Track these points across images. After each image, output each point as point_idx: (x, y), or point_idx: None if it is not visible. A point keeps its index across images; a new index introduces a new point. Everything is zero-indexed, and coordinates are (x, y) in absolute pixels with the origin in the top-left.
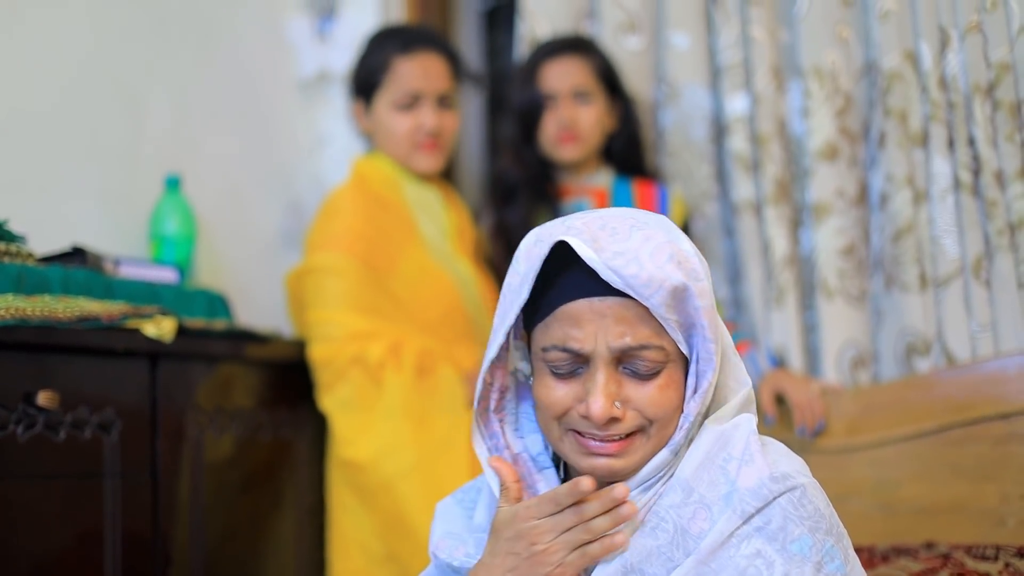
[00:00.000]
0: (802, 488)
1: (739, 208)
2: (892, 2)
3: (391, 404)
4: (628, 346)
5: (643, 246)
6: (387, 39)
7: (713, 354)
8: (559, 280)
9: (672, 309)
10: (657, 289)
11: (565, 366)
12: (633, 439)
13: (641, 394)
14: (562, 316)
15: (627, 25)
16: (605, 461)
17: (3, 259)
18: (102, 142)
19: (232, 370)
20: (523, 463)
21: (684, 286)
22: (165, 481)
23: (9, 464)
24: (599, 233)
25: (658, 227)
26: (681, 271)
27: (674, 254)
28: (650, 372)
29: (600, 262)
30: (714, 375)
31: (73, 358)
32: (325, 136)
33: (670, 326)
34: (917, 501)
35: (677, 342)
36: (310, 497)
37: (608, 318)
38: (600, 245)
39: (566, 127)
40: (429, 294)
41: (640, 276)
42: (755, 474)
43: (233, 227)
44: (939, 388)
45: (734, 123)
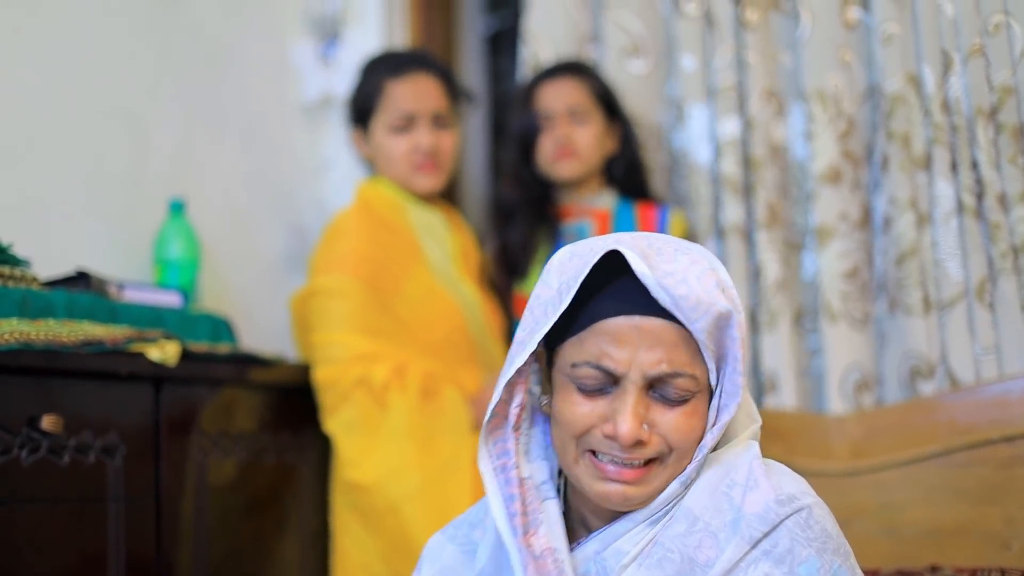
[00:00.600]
0: (808, 509)
1: (727, 231)
2: (895, 25)
3: (396, 426)
4: (663, 372)
5: (691, 269)
6: (379, 64)
7: (739, 388)
8: (601, 294)
9: (712, 336)
10: (704, 313)
11: (594, 384)
12: (651, 467)
13: (668, 420)
14: (600, 331)
15: (631, 48)
16: (620, 488)
17: (7, 283)
18: (106, 166)
19: (236, 394)
20: (529, 489)
21: (729, 313)
22: (168, 505)
23: (13, 488)
24: (647, 250)
25: (701, 254)
26: (726, 298)
27: (719, 281)
28: (679, 399)
29: (653, 278)
30: (736, 409)
31: (77, 382)
32: (329, 160)
33: (707, 353)
34: (921, 524)
35: (709, 371)
36: (314, 521)
37: (647, 340)
38: (651, 262)
39: (562, 144)
40: (433, 316)
41: (689, 298)
42: (761, 498)
43: (237, 251)
44: (943, 411)
45: (724, 146)
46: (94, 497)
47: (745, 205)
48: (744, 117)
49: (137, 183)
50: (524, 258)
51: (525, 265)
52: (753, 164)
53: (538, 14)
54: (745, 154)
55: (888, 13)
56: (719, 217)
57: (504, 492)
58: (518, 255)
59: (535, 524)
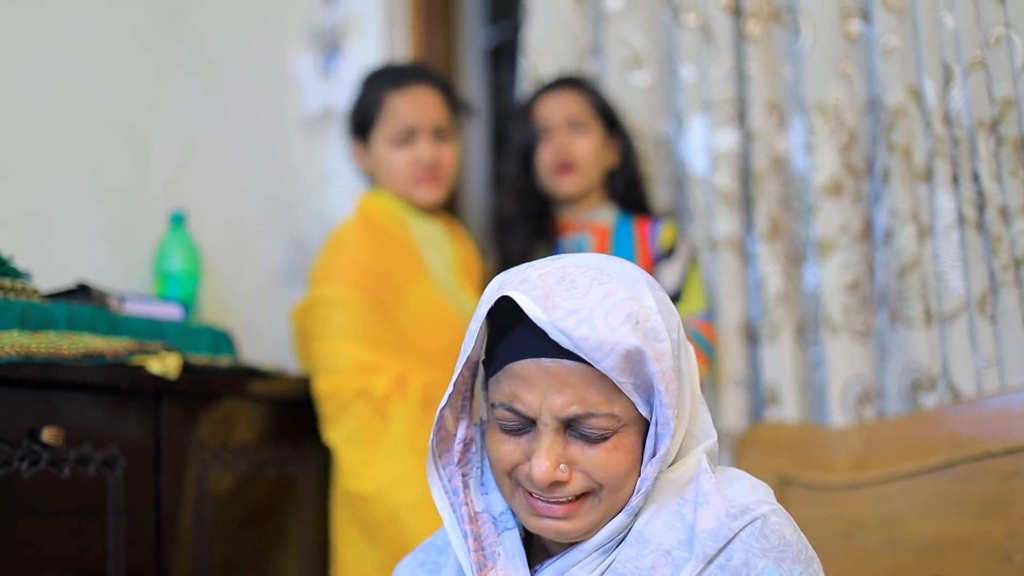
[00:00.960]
0: (762, 518)
1: (719, 244)
2: (895, 38)
3: (397, 436)
4: (575, 414)
5: (600, 304)
6: (379, 78)
7: (671, 419)
8: (510, 335)
9: (627, 372)
10: (608, 353)
11: (513, 424)
12: (582, 502)
13: (588, 457)
14: (512, 374)
15: (632, 61)
16: (552, 523)
17: (8, 296)
18: (107, 179)
19: (236, 406)
20: (484, 523)
21: (638, 350)
22: (169, 517)
23: (14, 501)
24: (555, 288)
25: (622, 281)
26: (637, 333)
27: (632, 313)
28: (599, 437)
29: (549, 323)
30: (672, 441)
31: (78, 395)
32: (329, 172)
33: (627, 389)
34: (923, 537)
35: (636, 404)
36: (314, 532)
37: (555, 382)
38: (552, 302)
39: (561, 155)
40: (434, 327)
41: (591, 339)
42: (712, 514)
43: (238, 263)
44: (944, 424)
45: (720, 158)
46: (94, 509)
47: (745, 217)
48: (745, 129)
49: (138, 196)
50: None
51: None
52: (754, 176)
53: (538, 27)
54: (746, 166)
55: (889, 26)
56: (712, 229)
57: (460, 530)
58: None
59: (492, 558)
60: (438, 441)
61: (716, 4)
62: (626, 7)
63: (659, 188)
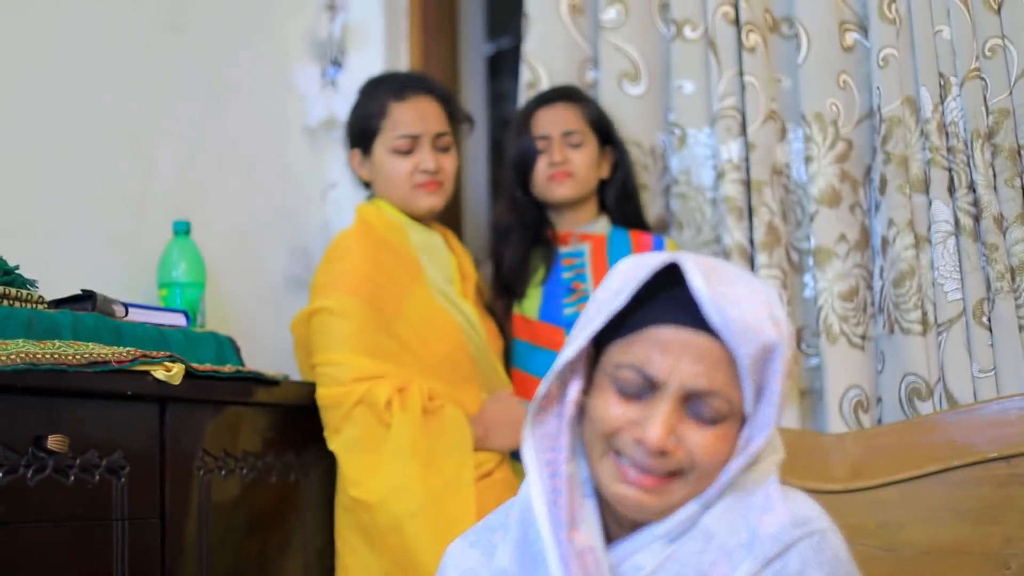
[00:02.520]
0: (821, 533)
1: (730, 253)
2: (892, 49)
3: (398, 444)
4: (702, 389)
5: (747, 296)
6: (380, 86)
7: (772, 420)
8: (655, 300)
9: (755, 364)
10: (751, 340)
11: (633, 387)
12: (671, 480)
13: (697, 437)
14: (648, 337)
15: (630, 72)
16: (636, 493)
17: (14, 304)
18: (111, 188)
19: (240, 413)
20: (575, 485)
21: (775, 345)
22: (173, 524)
23: (18, 508)
24: (709, 270)
25: (762, 286)
26: (776, 331)
27: (772, 314)
28: (712, 419)
29: (708, 295)
30: (765, 441)
31: (82, 402)
32: (331, 182)
33: (747, 380)
34: (920, 544)
35: (745, 398)
36: (318, 540)
37: (691, 353)
38: (710, 279)
39: (558, 165)
40: (433, 336)
41: (739, 321)
42: (776, 520)
43: (241, 272)
44: (941, 431)
45: (727, 168)
46: (99, 516)
47: (746, 226)
48: (746, 139)
49: (142, 205)
50: (521, 280)
51: (522, 286)
52: (755, 186)
53: (537, 38)
54: (746, 176)
55: (886, 37)
56: (723, 238)
57: (549, 487)
58: (514, 277)
59: (579, 521)
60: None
61: (719, 15)
62: (622, 18)
63: (652, 199)
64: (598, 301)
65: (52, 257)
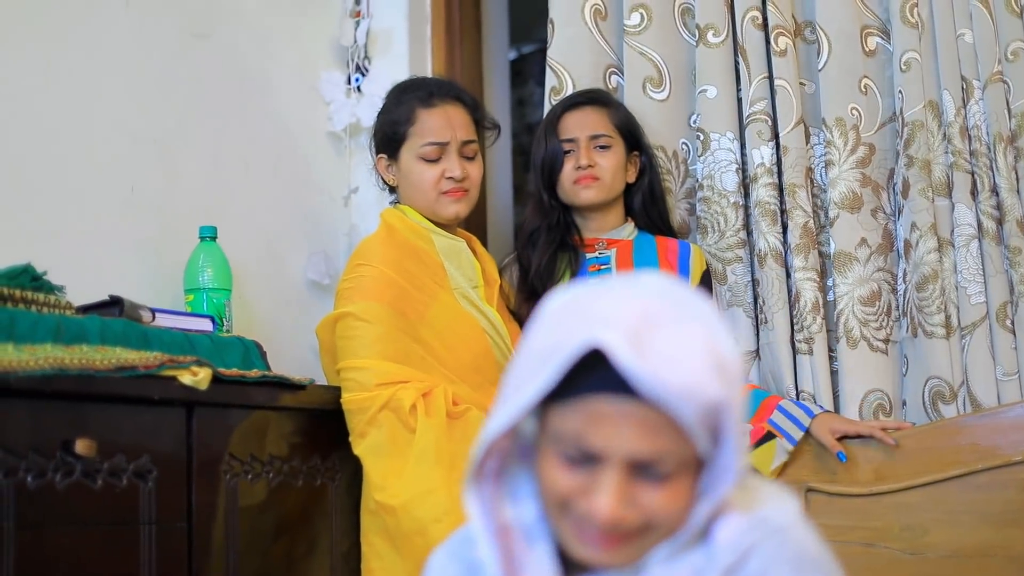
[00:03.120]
0: (782, 530)
1: (764, 257)
2: (914, 53)
3: (423, 449)
4: (645, 458)
5: (686, 348)
6: (408, 93)
7: (734, 465)
8: (587, 369)
9: (704, 419)
10: (692, 401)
11: (576, 457)
12: (633, 538)
13: (650, 498)
14: (584, 408)
15: (653, 77)
16: (599, 554)
17: (42, 309)
18: (139, 194)
19: (266, 417)
20: (513, 536)
21: (721, 401)
22: (200, 528)
23: (47, 511)
24: (640, 326)
25: (705, 325)
26: (721, 382)
27: (716, 359)
28: (664, 477)
29: (636, 365)
30: (730, 485)
31: (110, 407)
32: (356, 187)
33: (697, 433)
34: (944, 547)
35: (702, 451)
36: (344, 543)
37: (631, 423)
38: (640, 345)
39: (584, 170)
40: (458, 341)
41: (677, 383)
42: (732, 525)
43: (267, 277)
44: (965, 434)
45: (760, 172)
46: (127, 520)
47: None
48: (778, 143)
49: (169, 211)
50: (547, 283)
51: (549, 291)
52: (788, 189)
53: (562, 43)
54: (778, 180)
55: (908, 41)
56: (758, 243)
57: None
58: (540, 280)
59: (521, 568)
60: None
61: (747, 20)
62: (645, 23)
63: (675, 204)
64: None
65: (80, 263)
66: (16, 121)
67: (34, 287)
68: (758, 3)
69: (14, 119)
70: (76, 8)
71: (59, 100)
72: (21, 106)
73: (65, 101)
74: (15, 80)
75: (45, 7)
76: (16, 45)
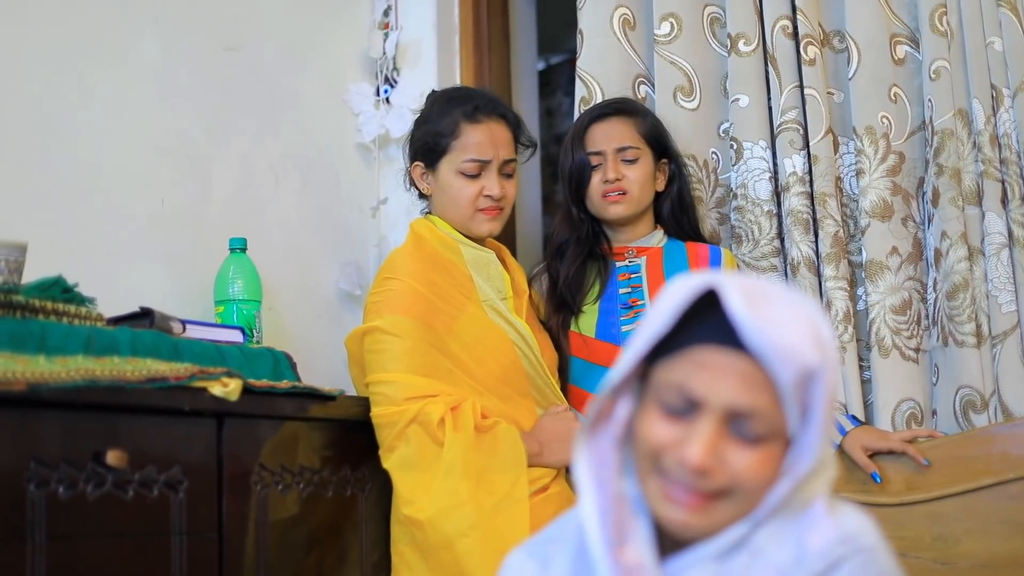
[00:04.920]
0: (870, 550)
1: (797, 265)
2: (944, 61)
3: (451, 463)
4: (743, 408)
5: (790, 316)
6: (453, 104)
7: (817, 442)
8: (699, 321)
9: (797, 388)
10: (792, 363)
11: (676, 407)
12: (715, 501)
13: (740, 458)
14: (690, 357)
15: (684, 86)
16: (681, 512)
17: (73, 321)
18: (169, 206)
19: (297, 428)
20: (625, 505)
21: (816, 368)
22: (231, 539)
23: (79, 522)
24: (752, 292)
25: (808, 307)
26: (817, 351)
27: (815, 332)
28: (755, 439)
29: (746, 316)
30: (811, 465)
31: (141, 418)
32: (385, 198)
33: (789, 403)
34: (976, 557)
35: (789, 420)
36: (374, 554)
37: (733, 373)
38: (752, 302)
39: (612, 184)
40: (487, 353)
41: (779, 343)
42: (823, 536)
43: (296, 288)
44: (997, 443)
45: (792, 181)
46: (158, 531)
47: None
48: (808, 152)
49: (198, 223)
50: (577, 294)
51: (579, 302)
52: (818, 198)
53: (591, 54)
54: (810, 188)
55: (937, 49)
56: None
57: (600, 504)
58: (570, 291)
59: (628, 538)
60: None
61: (777, 29)
62: (675, 32)
63: (706, 213)
64: (647, 322)
65: (111, 275)
66: (48, 135)
67: (65, 299)
68: (788, 12)
69: (46, 133)
70: (106, 23)
71: (90, 114)
72: (52, 120)
73: (96, 115)
74: (47, 95)
75: (76, 23)
76: (48, 61)
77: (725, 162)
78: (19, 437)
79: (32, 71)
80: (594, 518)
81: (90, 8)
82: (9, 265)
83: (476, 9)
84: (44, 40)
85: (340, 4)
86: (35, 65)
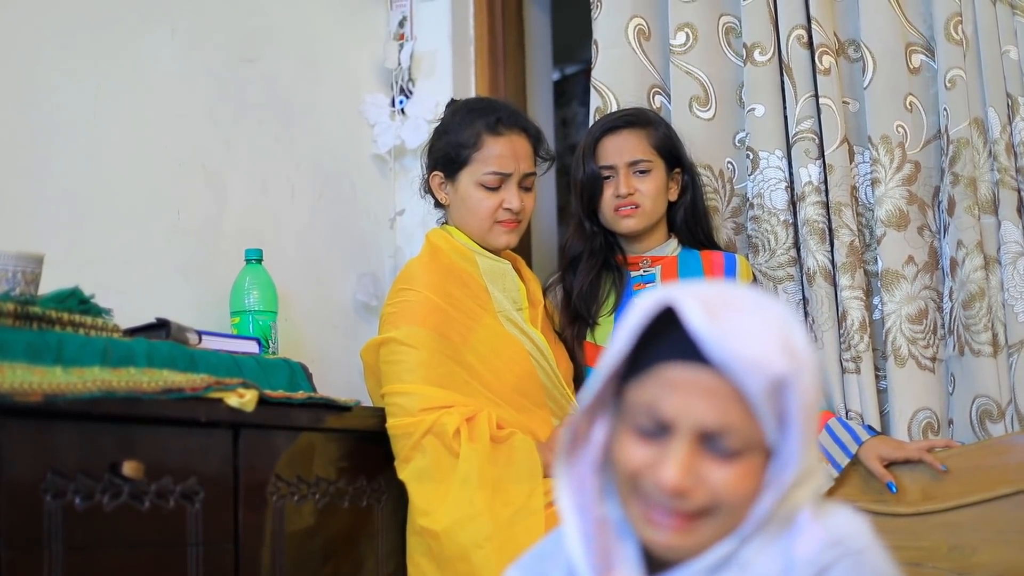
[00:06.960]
0: (859, 552)
1: (813, 275)
2: (959, 70)
3: (467, 474)
4: (713, 426)
5: (757, 325)
6: (475, 115)
7: (797, 453)
8: (664, 337)
9: (770, 398)
10: (758, 373)
11: (649, 428)
12: (699, 519)
13: (717, 475)
14: (657, 377)
15: (700, 96)
16: (664, 535)
17: (90, 332)
18: (185, 217)
19: (312, 439)
20: (608, 530)
21: (786, 377)
22: (247, 550)
23: (95, 533)
24: (714, 303)
25: (776, 313)
26: (787, 359)
27: (784, 339)
28: (732, 454)
29: (706, 329)
30: (794, 474)
31: (158, 429)
32: (400, 209)
33: (763, 414)
34: (993, 567)
35: (766, 430)
36: (390, 565)
37: (700, 390)
38: (713, 314)
39: (624, 198)
40: (502, 363)
41: (743, 354)
42: (809, 543)
43: (312, 299)
44: (1014, 453)
45: (808, 191)
46: (174, 542)
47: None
48: (824, 161)
49: (215, 234)
50: (591, 307)
51: (594, 314)
52: (834, 208)
53: (606, 64)
54: (825, 198)
55: (953, 58)
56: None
57: (583, 531)
58: (585, 303)
59: (615, 563)
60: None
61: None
62: (691, 42)
63: (722, 223)
64: (613, 342)
65: (127, 286)
66: (65, 147)
67: (82, 310)
68: (803, 21)
69: (63, 145)
70: (123, 35)
71: (107, 126)
72: (70, 132)
73: (113, 127)
74: (64, 107)
75: (93, 35)
76: (65, 73)
77: (741, 172)
78: (36, 448)
79: (49, 83)
80: (579, 546)
81: (107, 21)
82: (26, 277)
83: (491, 20)
84: (61, 53)
85: (355, 16)
86: (51, 78)
